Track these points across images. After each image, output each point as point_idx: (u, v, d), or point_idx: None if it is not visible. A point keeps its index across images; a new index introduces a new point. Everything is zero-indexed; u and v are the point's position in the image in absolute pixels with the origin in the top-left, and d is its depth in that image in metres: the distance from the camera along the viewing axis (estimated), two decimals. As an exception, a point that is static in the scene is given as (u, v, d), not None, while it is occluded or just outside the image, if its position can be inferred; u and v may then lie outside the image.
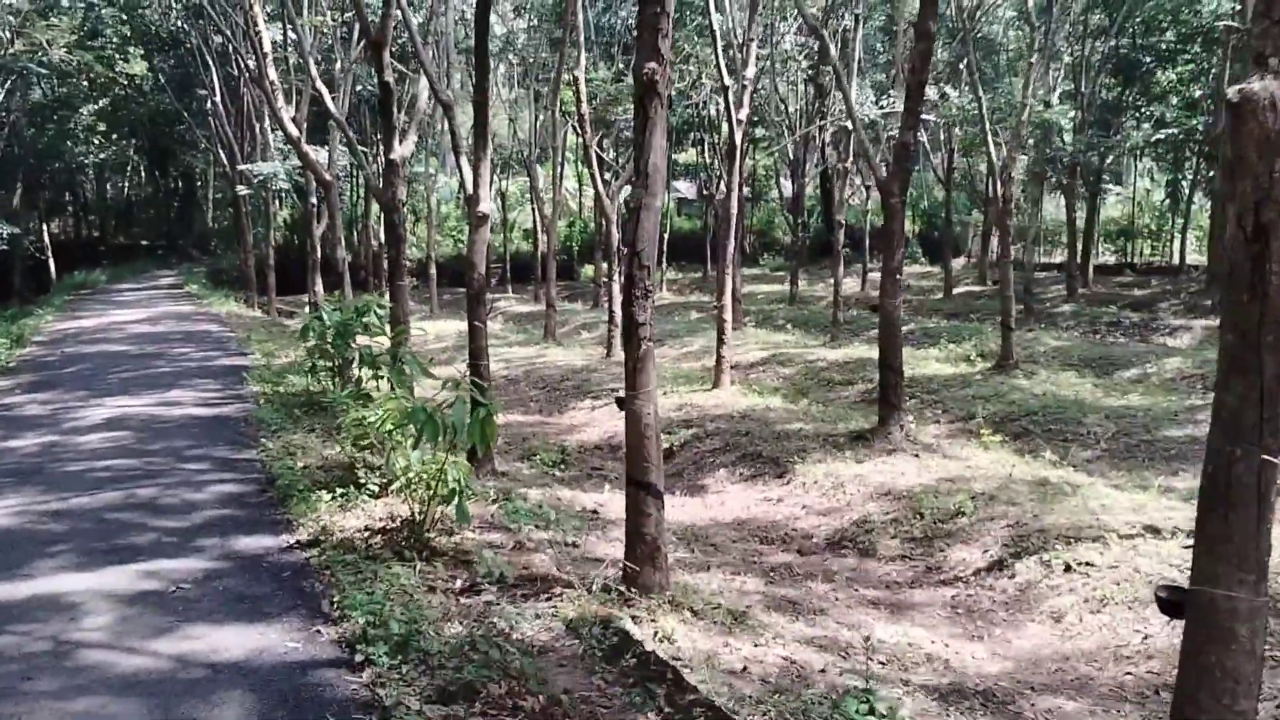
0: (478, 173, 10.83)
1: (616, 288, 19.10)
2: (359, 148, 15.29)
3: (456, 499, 5.89)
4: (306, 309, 25.70)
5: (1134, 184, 42.22)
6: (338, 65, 19.08)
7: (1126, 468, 10.99)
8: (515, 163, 41.41)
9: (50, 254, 37.93)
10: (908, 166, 12.20)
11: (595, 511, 9.97)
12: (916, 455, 11.20)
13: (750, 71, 15.36)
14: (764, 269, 42.26)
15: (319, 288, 19.85)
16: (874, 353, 18.52)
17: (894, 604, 7.82)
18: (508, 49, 26.71)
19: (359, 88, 26.94)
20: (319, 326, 9.94)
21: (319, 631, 4.81)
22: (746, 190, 36.29)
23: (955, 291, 31.26)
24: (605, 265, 19.94)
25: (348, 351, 9.96)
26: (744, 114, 15.30)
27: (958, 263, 40.70)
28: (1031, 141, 19.49)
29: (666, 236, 37.14)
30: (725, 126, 15.75)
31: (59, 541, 6.26)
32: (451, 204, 45.77)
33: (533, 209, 34.56)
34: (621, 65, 33.80)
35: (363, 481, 7.00)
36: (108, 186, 47.72)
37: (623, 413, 6.93)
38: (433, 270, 30.83)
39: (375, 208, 38.58)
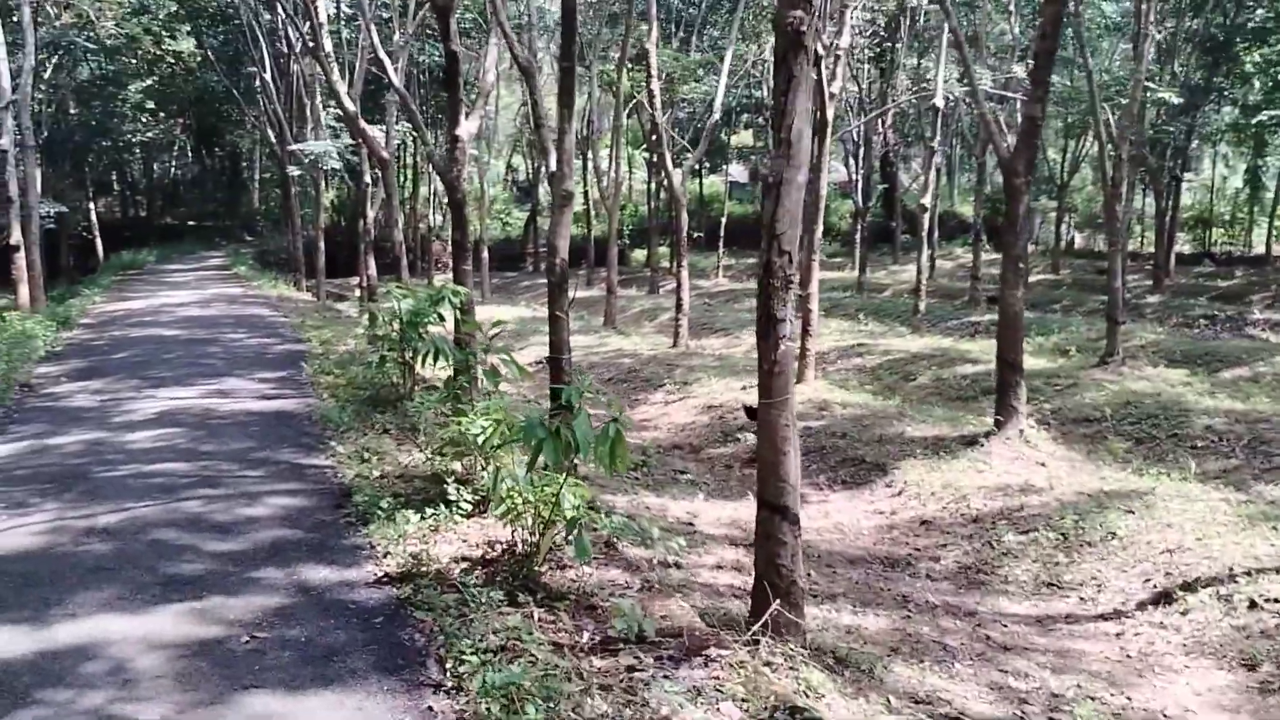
0: (562, 147, 9.83)
1: (685, 274, 18.23)
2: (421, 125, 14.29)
3: (576, 531, 4.89)
4: (356, 292, 24.96)
5: (1213, 171, 40.47)
6: (395, 36, 18.11)
7: (1271, 480, 9.86)
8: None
9: (97, 233, 37.52)
10: (1034, 143, 11.09)
11: (690, 524, 9.04)
12: (1042, 464, 10.18)
13: (845, 40, 14.20)
14: (820, 255, 41.02)
15: (372, 271, 18.96)
16: (959, 344, 17.58)
17: (1052, 645, 6.79)
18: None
19: (422, 57, 26.02)
20: (388, 315, 8.97)
21: (431, 709, 3.81)
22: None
23: (1029, 280, 29.95)
24: (675, 250, 18.82)
25: (419, 343, 9.00)
26: (836, 86, 14.17)
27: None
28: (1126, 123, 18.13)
29: (724, 221, 36.06)
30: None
31: (103, 569, 5.31)
32: (498, 186, 44.93)
33: (585, 191, 33.53)
34: (678, 43, 32.73)
35: (453, 499, 6.01)
36: (154, 166, 47.31)
37: (753, 420, 5.93)
38: (484, 254, 29.96)
39: (424, 190, 37.83)
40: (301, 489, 6.85)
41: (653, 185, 38.50)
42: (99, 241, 37.30)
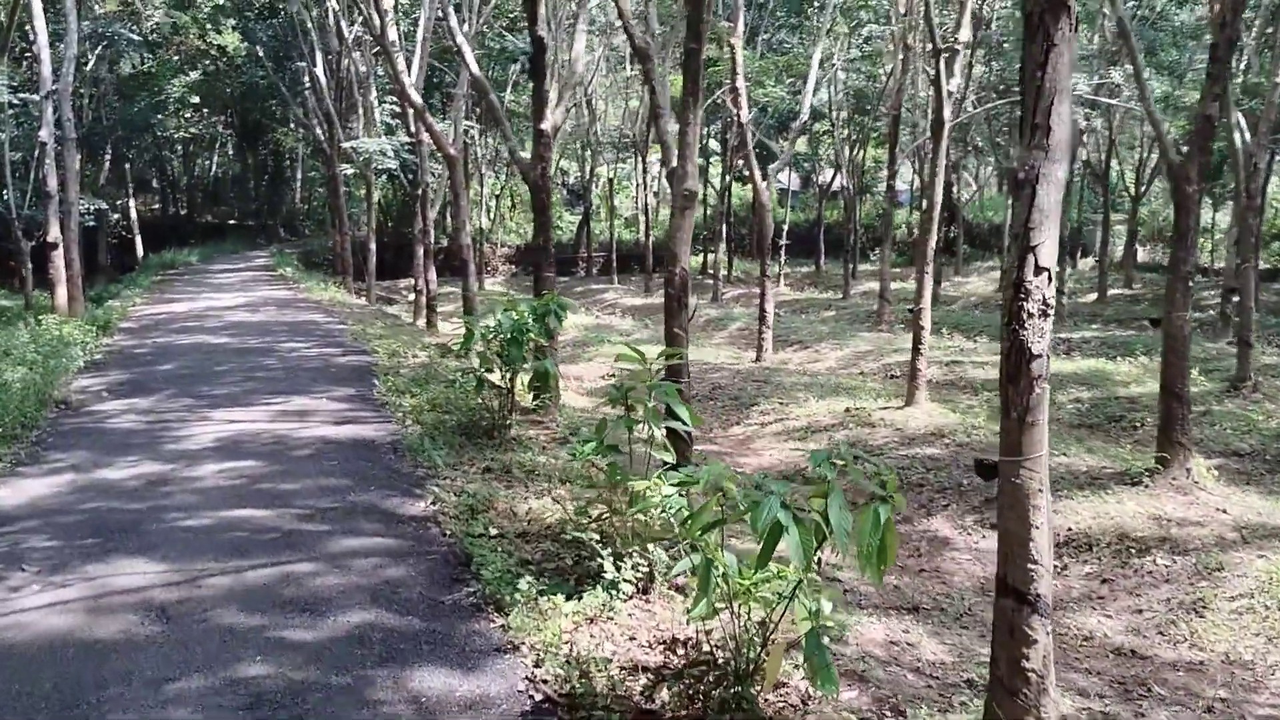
0: (684, 141, 8.51)
1: (769, 282, 16.97)
2: (493, 120, 13.01)
3: (817, 648, 3.55)
4: (411, 296, 23.80)
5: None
6: (466, 26, 16.90)
7: None
8: (616, 146, 39.27)
9: (137, 231, 36.70)
10: (1209, 146, 9.74)
11: (836, 578, 7.74)
12: (1223, 510, 8.85)
13: (964, 34, 12.85)
14: (876, 265, 39.66)
15: (432, 275, 17.76)
16: (1066, 365, 16.14)
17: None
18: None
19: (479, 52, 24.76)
20: (489, 331, 7.68)
21: None
22: (853, 184, 33.72)
23: (1107, 295, 28.66)
24: (760, 259, 17.56)
25: (521, 363, 7.72)
26: (954, 84, 12.81)
27: (1084, 264, 37.82)
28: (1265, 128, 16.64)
29: (785, 229, 34.64)
30: (932, 98, 13.15)
31: (164, 679, 3.94)
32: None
33: (639, 195, 32.29)
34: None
35: (611, 578, 4.66)
36: (196, 163, 46.53)
37: (989, 481, 4.62)
38: (541, 258, 28.66)
39: (474, 189, 36.58)
40: (402, 550, 5.51)
41: (705, 191, 37.14)
42: (138, 240, 36.45)
